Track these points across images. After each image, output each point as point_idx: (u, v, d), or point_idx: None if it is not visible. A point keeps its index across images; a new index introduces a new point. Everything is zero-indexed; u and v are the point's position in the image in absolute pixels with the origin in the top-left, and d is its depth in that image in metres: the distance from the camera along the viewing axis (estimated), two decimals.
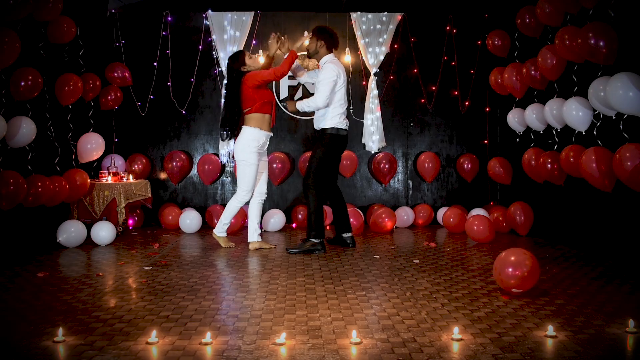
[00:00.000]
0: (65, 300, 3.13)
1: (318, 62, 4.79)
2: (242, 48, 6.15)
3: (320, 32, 4.70)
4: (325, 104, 4.56)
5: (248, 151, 4.59)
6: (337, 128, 4.63)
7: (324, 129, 4.66)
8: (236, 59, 4.68)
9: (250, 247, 4.74)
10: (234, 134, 4.71)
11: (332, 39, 4.71)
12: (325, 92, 4.52)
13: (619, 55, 3.81)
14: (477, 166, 6.33)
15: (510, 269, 3.18)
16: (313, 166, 4.63)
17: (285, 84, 6.39)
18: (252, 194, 4.73)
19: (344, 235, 4.85)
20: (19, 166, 4.40)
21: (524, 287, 3.20)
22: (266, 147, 4.76)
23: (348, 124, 4.74)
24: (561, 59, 4.47)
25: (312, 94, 4.87)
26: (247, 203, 4.82)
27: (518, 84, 5.26)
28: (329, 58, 4.68)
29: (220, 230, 4.82)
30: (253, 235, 4.76)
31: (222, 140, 5.04)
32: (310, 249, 4.59)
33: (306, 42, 4.84)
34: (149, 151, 6.37)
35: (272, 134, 4.77)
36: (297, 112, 5.21)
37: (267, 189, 4.89)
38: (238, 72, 4.65)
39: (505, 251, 3.31)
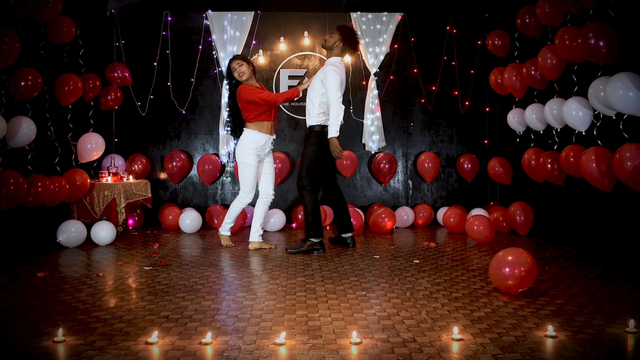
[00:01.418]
0: (65, 300, 3.13)
1: (326, 55, 4.78)
2: (242, 48, 6.16)
3: (347, 35, 4.64)
4: (341, 101, 4.50)
5: (247, 153, 4.63)
6: (322, 125, 4.60)
7: (311, 127, 4.65)
8: (228, 66, 4.70)
9: (250, 247, 4.74)
10: (237, 134, 4.78)
11: (353, 48, 4.69)
12: (336, 93, 4.48)
13: (619, 55, 3.81)
14: (477, 166, 6.33)
15: (507, 269, 3.18)
16: (305, 166, 4.63)
17: (285, 84, 6.39)
18: (254, 195, 4.76)
19: (344, 235, 4.85)
20: (19, 166, 4.41)
21: (522, 287, 3.20)
22: (268, 149, 4.77)
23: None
24: (561, 59, 4.47)
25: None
26: (252, 205, 4.82)
27: (518, 84, 5.26)
28: (336, 60, 4.64)
29: (224, 229, 4.90)
30: (254, 235, 4.76)
31: (233, 136, 5.09)
32: (309, 248, 4.60)
33: (307, 83, 4.86)
34: (149, 151, 6.37)
35: (274, 137, 4.78)
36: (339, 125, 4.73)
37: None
38: (232, 79, 4.69)
39: (502, 251, 3.31)
